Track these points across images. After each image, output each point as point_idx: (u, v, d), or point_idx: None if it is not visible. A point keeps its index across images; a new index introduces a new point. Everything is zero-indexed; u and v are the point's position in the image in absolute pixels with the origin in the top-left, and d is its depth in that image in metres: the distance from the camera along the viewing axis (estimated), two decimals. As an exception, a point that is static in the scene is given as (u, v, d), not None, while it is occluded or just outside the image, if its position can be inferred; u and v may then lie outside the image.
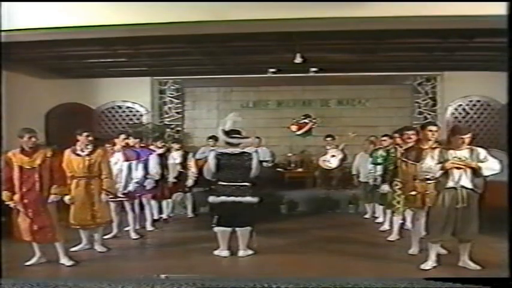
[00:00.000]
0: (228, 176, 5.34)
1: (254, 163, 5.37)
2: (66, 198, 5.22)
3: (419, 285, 4.15)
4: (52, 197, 4.92)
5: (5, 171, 4.92)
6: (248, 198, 5.30)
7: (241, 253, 5.36)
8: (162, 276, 4.54)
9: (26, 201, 4.87)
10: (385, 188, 5.84)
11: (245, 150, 5.46)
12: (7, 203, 4.93)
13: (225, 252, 5.37)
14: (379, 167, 6.61)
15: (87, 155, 5.45)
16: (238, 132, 5.50)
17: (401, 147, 5.73)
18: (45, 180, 4.89)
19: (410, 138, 5.43)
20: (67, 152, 5.46)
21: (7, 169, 4.91)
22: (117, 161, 6.29)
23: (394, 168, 5.62)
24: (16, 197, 4.87)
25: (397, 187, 5.63)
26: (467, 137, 4.51)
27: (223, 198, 5.31)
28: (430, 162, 4.57)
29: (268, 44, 7.90)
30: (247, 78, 10.65)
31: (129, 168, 6.38)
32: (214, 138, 9.49)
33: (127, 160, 6.37)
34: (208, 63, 9.38)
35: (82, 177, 5.41)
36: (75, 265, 5.02)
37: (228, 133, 5.42)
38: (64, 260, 5.04)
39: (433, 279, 4.28)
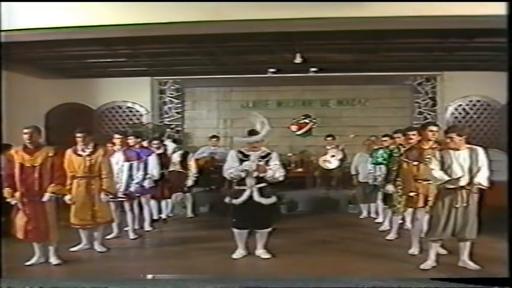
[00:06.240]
0: None
1: None
2: (67, 198, 5.22)
3: (420, 285, 4.15)
4: (47, 195, 4.87)
5: (7, 168, 4.92)
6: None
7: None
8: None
9: (24, 199, 4.87)
10: (390, 188, 5.82)
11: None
12: (8, 199, 4.92)
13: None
14: (381, 167, 6.59)
15: (88, 155, 5.46)
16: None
17: (404, 147, 5.74)
18: (45, 180, 4.88)
19: (411, 138, 5.44)
20: (68, 152, 5.45)
21: (9, 166, 4.90)
22: (118, 161, 6.29)
23: (398, 168, 5.63)
24: (17, 194, 4.86)
25: (399, 187, 5.64)
26: (454, 136, 4.50)
27: None
28: (438, 173, 4.57)
29: (268, 44, 7.89)
30: (247, 78, 10.64)
31: (130, 168, 6.38)
32: (216, 137, 9.54)
33: (127, 160, 6.37)
34: (208, 63, 9.38)
35: (83, 177, 5.42)
36: (61, 264, 5.01)
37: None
38: (52, 259, 5.04)
39: (433, 279, 4.28)
